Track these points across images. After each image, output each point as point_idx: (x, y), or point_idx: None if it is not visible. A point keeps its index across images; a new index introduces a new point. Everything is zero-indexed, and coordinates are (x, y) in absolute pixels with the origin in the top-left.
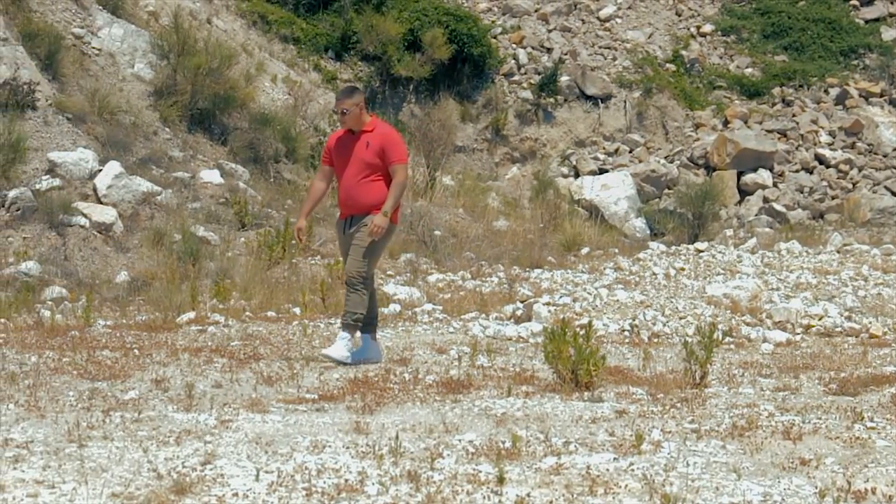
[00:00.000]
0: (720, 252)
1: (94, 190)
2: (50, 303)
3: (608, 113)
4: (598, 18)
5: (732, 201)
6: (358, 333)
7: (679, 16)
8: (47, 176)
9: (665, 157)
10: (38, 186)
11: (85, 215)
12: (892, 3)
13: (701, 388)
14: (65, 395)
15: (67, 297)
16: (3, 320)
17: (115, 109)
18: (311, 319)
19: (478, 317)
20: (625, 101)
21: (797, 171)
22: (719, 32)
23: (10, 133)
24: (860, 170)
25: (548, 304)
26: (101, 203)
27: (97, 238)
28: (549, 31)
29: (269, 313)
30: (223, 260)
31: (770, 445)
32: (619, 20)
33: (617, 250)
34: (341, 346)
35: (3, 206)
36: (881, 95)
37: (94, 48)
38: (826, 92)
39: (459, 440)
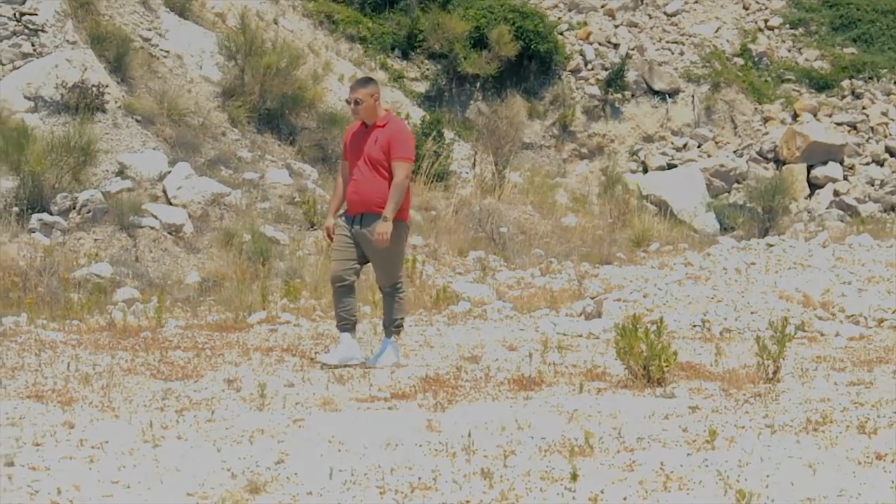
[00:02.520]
0: (791, 246)
1: (164, 191)
2: (122, 304)
3: (676, 108)
4: (664, 13)
5: (802, 195)
6: (346, 334)
7: (746, 9)
8: (117, 178)
9: (734, 152)
10: (108, 188)
11: (155, 216)
12: None
13: (774, 383)
14: (138, 396)
15: (139, 298)
16: (76, 322)
17: (184, 111)
18: (381, 318)
19: (548, 314)
20: (693, 96)
21: (868, 163)
22: (787, 25)
23: (81, 135)
24: None
25: (618, 300)
26: (171, 204)
27: (167, 239)
28: (616, 26)
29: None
30: (293, 259)
31: (845, 440)
32: (686, 14)
33: (687, 245)
34: (391, 353)
35: (75, 209)
36: None
37: (162, 50)
38: None
39: (532, 437)
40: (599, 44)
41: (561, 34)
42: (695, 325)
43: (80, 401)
